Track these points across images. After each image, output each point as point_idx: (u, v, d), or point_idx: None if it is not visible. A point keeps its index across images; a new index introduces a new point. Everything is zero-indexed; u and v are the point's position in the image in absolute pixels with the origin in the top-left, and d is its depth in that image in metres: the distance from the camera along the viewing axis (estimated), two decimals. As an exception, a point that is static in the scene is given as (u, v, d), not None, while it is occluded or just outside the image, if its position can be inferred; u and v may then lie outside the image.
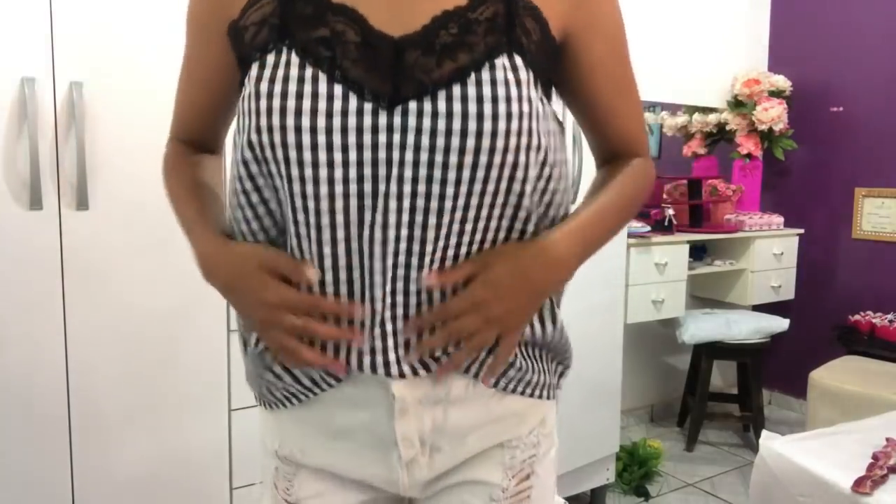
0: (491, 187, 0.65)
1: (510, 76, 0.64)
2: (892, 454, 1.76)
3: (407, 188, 0.64)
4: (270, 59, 0.64)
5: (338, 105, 0.62)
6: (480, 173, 0.64)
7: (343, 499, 0.80)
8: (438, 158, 0.63)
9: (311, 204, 0.65)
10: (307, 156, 0.63)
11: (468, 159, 0.63)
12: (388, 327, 0.69)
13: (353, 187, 0.64)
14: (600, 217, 0.77)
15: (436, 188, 0.64)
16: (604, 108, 0.78)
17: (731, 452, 3.09)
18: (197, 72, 0.79)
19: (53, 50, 1.46)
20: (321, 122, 0.62)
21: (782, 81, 3.41)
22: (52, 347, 1.52)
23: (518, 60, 0.65)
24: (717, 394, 3.34)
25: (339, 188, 0.64)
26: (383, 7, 0.65)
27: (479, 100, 0.62)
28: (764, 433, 1.96)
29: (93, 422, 1.58)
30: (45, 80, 1.46)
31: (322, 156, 0.63)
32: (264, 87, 0.64)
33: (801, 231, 3.43)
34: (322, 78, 0.63)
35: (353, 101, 0.63)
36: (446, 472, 0.78)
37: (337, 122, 0.62)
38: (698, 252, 3.22)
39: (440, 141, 0.62)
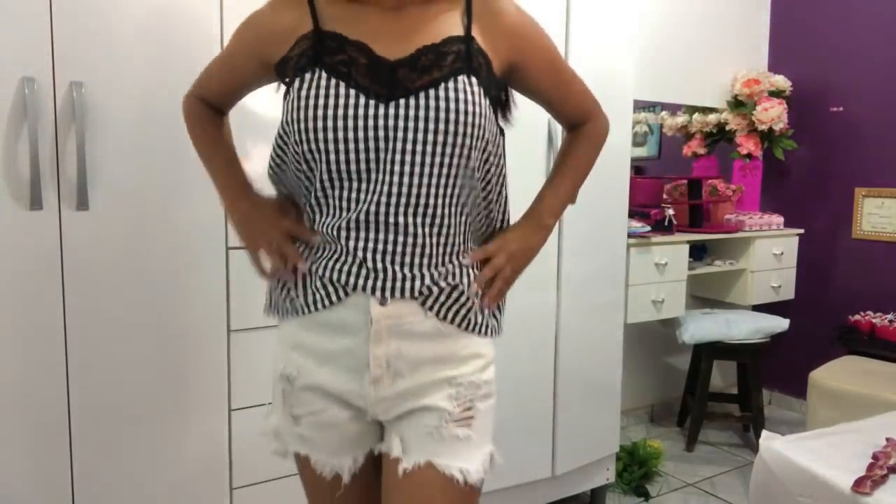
0: (454, 160, 0.98)
1: (467, 88, 0.97)
2: (892, 454, 1.76)
3: (398, 157, 0.96)
4: (308, 76, 0.97)
5: (351, 101, 0.95)
6: (447, 148, 0.96)
7: (332, 414, 1.05)
8: (420, 136, 0.95)
9: (332, 167, 0.97)
10: (330, 135, 0.96)
11: (439, 138, 0.96)
12: (380, 255, 0.99)
13: (361, 156, 0.96)
14: (566, 191, 1.17)
15: (417, 157, 0.96)
16: (554, 99, 1.15)
17: (731, 452, 3.09)
18: (233, 70, 1.14)
19: (53, 50, 1.47)
20: (340, 112, 0.95)
21: (782, 81, 3.41)
22: (52, 347, 1.52)
23: (473, 80, 0.98)
24: (717, 394, 3.34)
25: (352, 156, 0.96)
26: (384, 42, 0.98)
27: (446, 100, 0.95)
28: (764, 433, 1.96)
29: (93, 422, 1.58)
30: (45, 80, 1.46)
31: (340, 134, 0.95)
32: (304, 93, 0.96)
33: (801, 231, 3.43)
34: (342, 85, 0.96)
35: (361, 99, 0.95)
36: (405, 395, 1.02)
37: (351, 112, 0.95)
38: (698, 252, 3.22)
39: (420, 125, 0.95)
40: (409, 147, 0.95)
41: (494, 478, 2.17)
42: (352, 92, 0.95)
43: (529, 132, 2.10)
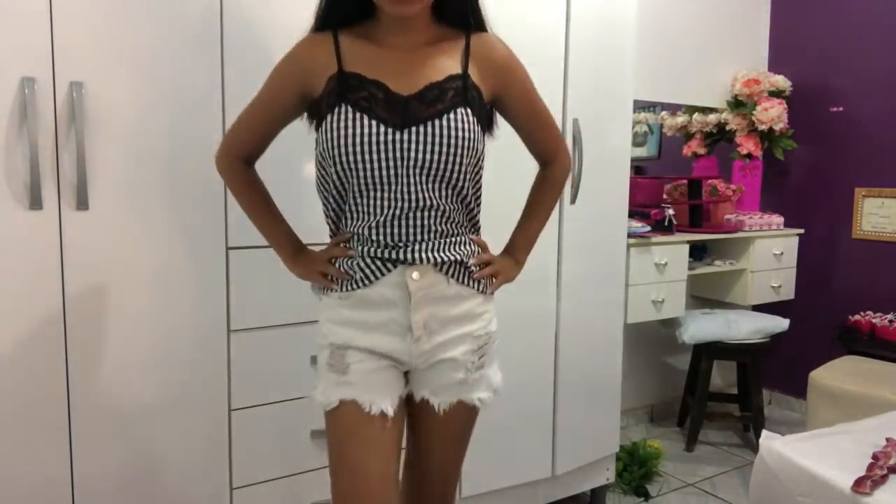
0: (454, 173, 1.23)
1: (465, 118, 1.22)
2: (892, 454, 1.76)
3: (412, 170, 1.20)
4: (337, 110, 1.20)
5: (374, 130, 1.19)
6: (449, 165, 1.22)
7: (374, 364, 1.27)
8: (428, 156, 1.20)
9: (362, 181, 1.21)
10: (359, 157, 1.19)
11: (443, 157, 1.21)
12: (409, 243, 1.23)
13: (384, 172, 1.20)
14: (535, 231, 1.47)
15: (425, 172, 1.21)
16: (526, 132, 1.40)
17: (731, 452, 3.09)
18: (269, 111, 1.32)
19: (53, 50, 1.47)
20: (365, 139, 1.19)
21: (782, 81, 3.41)
22: (51, 347, 1.52)
23: (468, 111, 1.23)
24: (717, 394, 3.34)
25: (376, 172, 1.20)
26: (398, 81, 1.22)
27: (449, 128, 1.20)
28: (764, 433, 1.96)
29: (93, 421, 1.58)
30: (45, 80, 1.46)
31: (367, 156, 1.19)
32: (335, 125, 1.20)
33: (801, 231, 3.43)
34: (365, 117, 1.19)
35: (381, 128, 1.19)
36: (437, 347, 1.28)
37: (374, 138, 1.19)
38: (698, 252, 3.22)
39: (428, 147, 1.20)
40: (419, 164, 1.19)
41: (494, 478, 2.18)
42: (373, 122, 1.18)
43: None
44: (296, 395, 1.82)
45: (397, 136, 1.19)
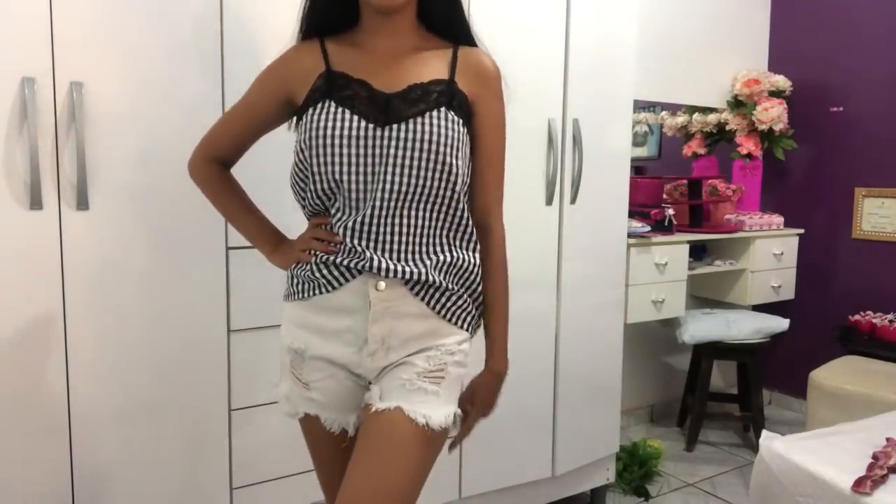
0: (436, 175, 1.18)
1: (449, 117, 1.19)
2: (892, 454, 1.76)
3: (390, 169, 1.17)
4: (319, 105, 1.19)
5: (354, 125, 1.17)
6: (430, 164, 1.17)
7: (337, 380, 1.25)
8: (408, 154, 1.17)
9: (337, 178, 1.18)
10: (336, 150, 1.17)
11: (423, 155, 1.17)
12: (378, 250, 1.19)
13: (361, 169, 1.18)
14: (503, 331, 1.32)
15: (405, 171, 1.17)
16: (476, 174, 1.28)
17: (731, 452, 3.09)
18: (252, 115, 1.32)
19: (53, 50, 1.47)
20: (344, 132, 1.17)
21: (782, 81, 3.41)
22: (52, 347, 1.52)
23: (452, 113, 1.20)
24: (717, 394, 3.34)
25: (353, 168, 1.18)
26: (381, 80, 1.21)
27: (431, 126, 1.17)
28: (764, 433, 1.96)
29: (93, 421, 1.58)
30: (45, 80, 1.46)
31: (344, 150, 1.17)
32: (315, 117, 1.18)
33: (801, 231, 3.43)
34: (346, 112, 1.18)
35: (362, 123, 1.17)
36: (393, 363, 1.22)
37: (354, 133, 1.17)
38: (698, 252, 3.22)
39: (409, 145, 1.17)
40: (398, 162, 1.16)
41: (495, 478, 2.18)
42: (355, 117, 1.17)
43: (529, 132, 2.10)
44: (296, 395, 1.82)
45: (377, 133, 1.16)
